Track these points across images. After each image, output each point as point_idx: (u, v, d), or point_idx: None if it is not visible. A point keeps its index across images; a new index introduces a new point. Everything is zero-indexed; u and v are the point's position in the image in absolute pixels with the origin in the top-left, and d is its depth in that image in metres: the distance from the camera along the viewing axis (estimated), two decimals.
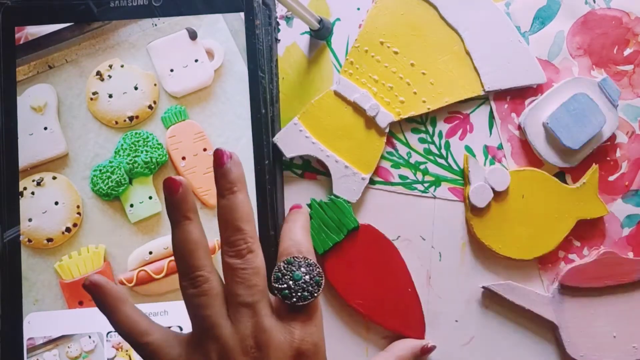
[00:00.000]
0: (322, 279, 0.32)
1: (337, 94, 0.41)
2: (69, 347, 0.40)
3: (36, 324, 0.40)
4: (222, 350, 0.30)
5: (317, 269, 0.32)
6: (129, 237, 0.41)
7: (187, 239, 0.31)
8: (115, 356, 0.40)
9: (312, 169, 0.42)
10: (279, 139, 0.41)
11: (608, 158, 0.42)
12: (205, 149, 0.41)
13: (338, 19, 0.42)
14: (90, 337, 0.40)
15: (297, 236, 0.35)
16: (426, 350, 0.40)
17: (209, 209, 0.41)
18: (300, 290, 0.31)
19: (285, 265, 0.32)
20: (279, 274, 0.32)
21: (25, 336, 0.39)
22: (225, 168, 0.31)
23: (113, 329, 0.32)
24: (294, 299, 0.31)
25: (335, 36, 0.42)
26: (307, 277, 0.31)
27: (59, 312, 0.40)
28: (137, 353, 0.31)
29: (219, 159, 0.31)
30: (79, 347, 0.40)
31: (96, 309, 0.40)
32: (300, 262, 0.32)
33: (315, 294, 0.31)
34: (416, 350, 0.40)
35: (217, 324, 0.30)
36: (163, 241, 0.41)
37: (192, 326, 0.31)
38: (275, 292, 0.31)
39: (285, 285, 0.31)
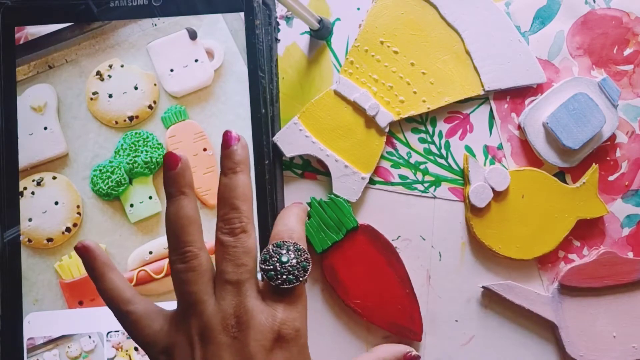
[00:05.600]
0: (309, 265, 0.32)
1: (337, 93, 0.41)
2: (69, 347, 0.40)
3: (36, 324, 0.40)
4: (204, 326, 0.30)
5: (305, 255, 0.32)
6: (129, 237, 0.41)
7: (181, 213, 0.31)
8: (115, 356, 0.40)
9: (312, 168, 0.42)
10: (279, 139, 0.41)
11: (608, 158, 0.42)
12: (205, 149, 0.41)
13: (338, 19, 0.42)
14: (90, 337, 0.40)
15: (291, 223, 0.35)
16: (409, 358, 0.40)
17: (209, 209, 0.41)
18: (286, 273, 0.31)
19: (274, 248, 0.32)
20: (267, 256, 0.32)
21: (25, 336, 0.39)
22: (232, 149, 0.32)
23: (113, 329, 0.32)
24: (279, 282, 0.31)
25: (335, 36, 0.42)
26: (295, 261, 0.31)
27: (59, 312, 0.40)
28: (119, 322, 0.31)
29: (227, 141, 0.32)
30: (79, 347, 0.40)
31: (96, 309, 0.40)
32: (290, 246, 0.32)
33: (301, 279, 0.31)
34: (399, 355, 0.39)
35: (201, 300, 0.30)
36: (163, 241, 0.41)
37: (177, 301, 0.31)
38: (262, 273, 0.31)
39: (271, 267, 0.31)
